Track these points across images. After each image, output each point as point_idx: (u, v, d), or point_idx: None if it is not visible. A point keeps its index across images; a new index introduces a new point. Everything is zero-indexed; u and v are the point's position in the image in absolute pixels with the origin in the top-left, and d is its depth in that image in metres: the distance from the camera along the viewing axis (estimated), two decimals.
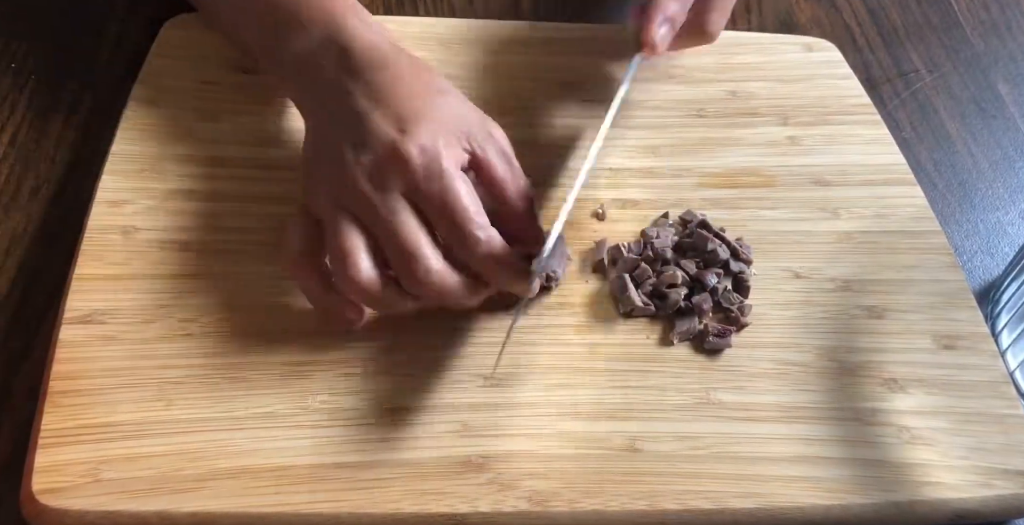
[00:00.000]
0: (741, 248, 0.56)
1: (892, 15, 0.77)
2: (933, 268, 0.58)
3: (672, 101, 0.65)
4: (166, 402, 0.48)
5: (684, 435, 0.50)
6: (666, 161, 0.62)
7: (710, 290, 0.54)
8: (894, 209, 0.61)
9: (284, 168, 0.58)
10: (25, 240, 0.55)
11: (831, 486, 0.48)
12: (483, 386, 0.50)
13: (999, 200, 0.65)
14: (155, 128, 0.59)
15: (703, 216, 0.58)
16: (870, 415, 0.51)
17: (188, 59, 0.63)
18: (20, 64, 0.64)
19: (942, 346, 0.54)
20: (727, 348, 0.53)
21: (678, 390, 0.51)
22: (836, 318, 0.55)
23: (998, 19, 0.77)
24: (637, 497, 0.47)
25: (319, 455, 0.47)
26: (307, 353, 0.51)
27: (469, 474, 0.47)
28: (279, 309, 0.52)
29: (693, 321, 0.54)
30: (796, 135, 0.64)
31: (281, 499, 0.46)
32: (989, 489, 0.49)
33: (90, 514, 0.44)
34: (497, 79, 0.64)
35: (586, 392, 0.51)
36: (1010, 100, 0.71)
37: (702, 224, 0.57)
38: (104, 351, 0.49)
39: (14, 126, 0.61)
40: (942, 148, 0.68)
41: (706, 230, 0.57)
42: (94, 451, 0.46)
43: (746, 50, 0.69)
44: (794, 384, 0.52)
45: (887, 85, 0.71)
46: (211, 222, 0.55)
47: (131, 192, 0.56)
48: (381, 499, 0.46)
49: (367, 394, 0.50)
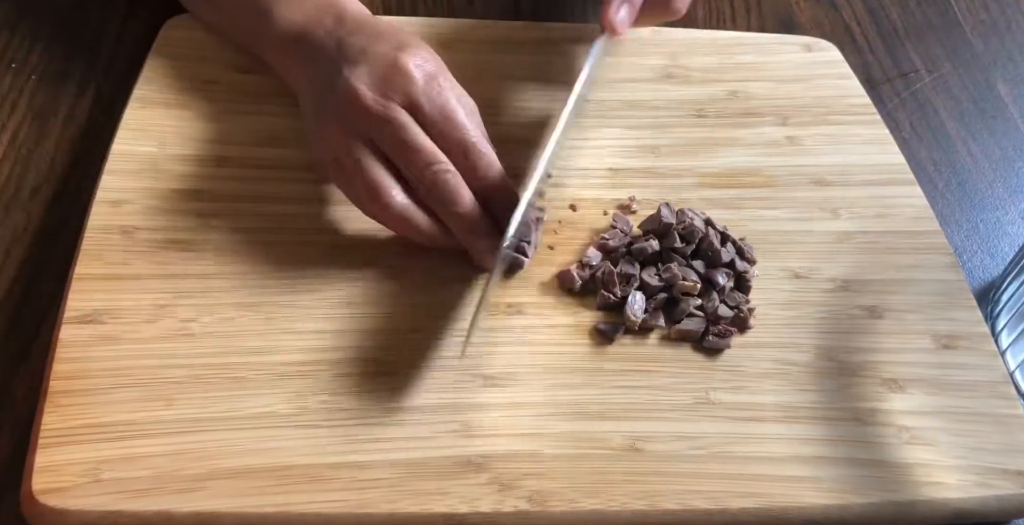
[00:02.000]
0: (745, 247, 0.56)
1: (892, 15, 0.77)
2: (933, 268, 0.58)
3: (672, 101, 0.65)
4: (166, 402, 0.48)
5: (684, 435, 0.50)
6: (666, 161, 0.62)
7: (717, 290, 0.54)
8: (894, 209, 0.61)
9: (284, 168, 0.58)
10: (25, 240, 0.55)
11: (831, 486, 0.48)
12: (483, 386, 0.50)
13: (999, 200, 0.65)
14: (155, 128, 0.59)
15: (703, 215, 0.58)
16: (870, 415, 0.51)
17: (188, 59, 0.63)
18: (20, 64, 0.64)
19: (942, 346, 0.54)
20: (727, 348, 0.53)
21: (678, 390, 0.51)
22: (836, 318, 0.55)
23: (998, 19, 0.77)
24: (637, 497, 0.47)
25: (319, 455, 0.47)
26: (307, 353, 0.51)
27: (469, 474, 0.47)
28: (279, 309, 0.52)
29: (699, 323, 0.53)
30: (796, 135, 0.64)
31: (281, 499, 0.45)
32: (989, 489, 0.49)
33: (90, 514, 0.44)
34: (496, 79, 0.64)
35: (586, 392, 0.51)
36: (1010, 100, 0.71)
37: (707, 222, 0.57)
38: (104, 351, 0.49)
39: (14, 126, 0.61)
40: (942, 148, 0.68)
41: (712, 229, 0.56)
42: (94, 451, 0.46)
43: (746, 50, 0.69)
44: (794, 384, 0.52)
45: (887, 85, 0.71)
46: (211, 222, 0.55)
47: (131, 192, 0.56)
48: (381, 499, 0.46)
49: (367, 394, 0.50)
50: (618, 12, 0.59)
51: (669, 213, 0.57)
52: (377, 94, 0.51)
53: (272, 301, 0.52)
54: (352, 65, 0.52)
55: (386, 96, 0.51)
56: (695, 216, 0.57)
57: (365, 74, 0.52)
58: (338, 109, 0.52)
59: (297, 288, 0.53)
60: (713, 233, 0.56)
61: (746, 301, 0.55)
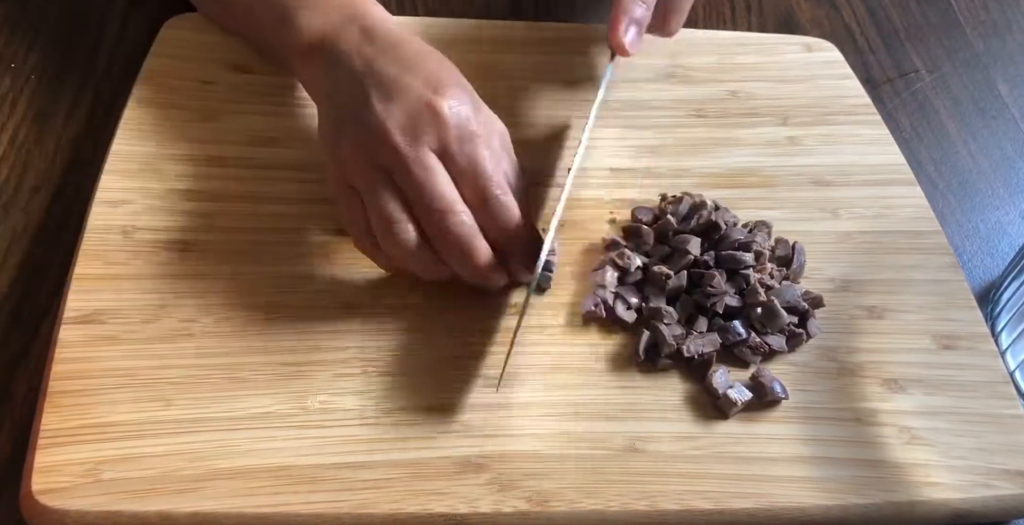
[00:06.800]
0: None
1: (892, 15, 0.77)
2: (933, 268, 0.58)
3: (672, 101, 0.65)
4: (166, 402, 0.48)
5: (684, 435, 0.50)
6: (666, 161, 0.62)
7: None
8: (894, 209, 0.61)
9: (284, 168, 0.58)
10: (25, 240, 0.55)
11: (831, 486, 0.48)
12: (483, 386, 0.50)
13: (999, 200, 0.65)
14: (155, 128, 0.59)
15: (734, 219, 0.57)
16: (870, 415, 0.51)
17: (188, 59, 0.63)
18: (20, 64, 0.64)
19: (942, 346, 0.54)
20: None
21: (678, 390, 0.51)
22: (836, 318, 0.55)
23: (998, 19, 0.77)
24: (637, 497, 0.47)
25: (319, 455, 0.47)
26: (307, 353, 0.51)
27: (469, 474, 0.47)
28: (279, 309, 0.52)
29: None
30: (796, 135, 0.64)
31: (281, 499, 0.45)
32: (989, 489, 0.49)
33: (90, 514, 0.44)
34: (496, 79, 0.64)
35: (586, 392, 0.51)
36: (1010, 100, 0.71)
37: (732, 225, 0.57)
38: (104, 351, 0.49)
39: (14, 126, 0.61)
40: (942, 148, 0.68)
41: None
42: (94, 451, 0.46)
43: (746, 50, 0.69)
44: (794, 384, 0.52)
45: (887, 85, 0.71)
46: (211, 222, 0.55)
47: (131, 192, 0.56)
48: (381, 499, 0.46)
49: (367, 394, 0.50)
50: (626, 33, 0.59)
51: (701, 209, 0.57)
52: (408, 136, 0.49)
53: (272, 301, 0.52)
54: (383, 99, 0.50)
55: (417, 139, 0.49)
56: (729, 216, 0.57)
57: (397, 112, 0.49)
58: (361, 140, 0.50)
59: (297, 288, 0.53)
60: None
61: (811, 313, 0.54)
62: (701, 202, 0.57)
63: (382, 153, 0.49)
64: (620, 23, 0.58)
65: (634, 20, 0.59)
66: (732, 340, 0.52)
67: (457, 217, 0.49)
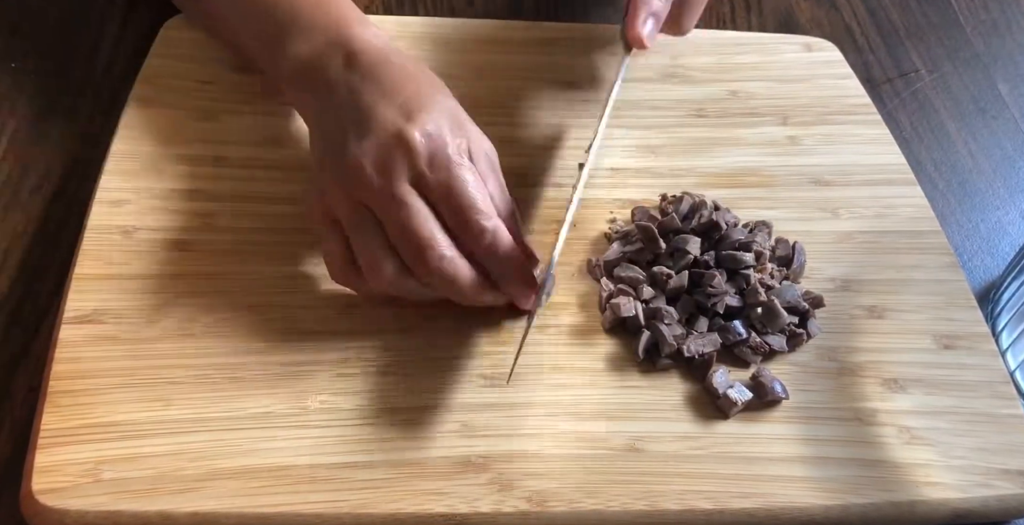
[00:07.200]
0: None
1: (892, 15, 0.77)
2: (933, 268, 0.58)
3: (672, 101, 0.65)
4: (166, 402, 0.48)
5: (684, 435, 0.50)
6: (666, 161, 0.62)
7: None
8: (894, 209, 0.61)
9: (284, 168, 0.58)
10: (25, 240, 0.55)
11: (831, 486, 0.48)
12: (483, 386, 0.50)
13: (999, 200, 0.65)
14: (155, 128, 0.59)
15: (735, 219, 0.57)
16: (870, 415, 0.51)
17: (187, 59, 0.63)
18: (20, 64, 0.64)
19: (942, 346, 0.54)
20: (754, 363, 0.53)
21: (678, 390, 0.51)
22: (836, 318, 0.55)
23: (998, 19, 0.77)
24: (637, 497, 0.47)
25: (319, 455, 0.47)
26: (307, 353, 0.51)
27: (469, 474, 0.47)
28: (279, 309, 0.52)
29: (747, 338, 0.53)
30: (796, 135, 0.64)
31: (281, 499, 0.45)
32: (989, 489, 0.49)
33: (90, 514, 0.44)
34: (496, 79, 0.64)
35: (587, 392, 0.51)
36: (1010, 100, 0.71)
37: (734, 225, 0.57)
38: (104, 351, 0.49)
39: (14, 126, 0.61)
40: (942, 148, 0.68)
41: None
42: (94, 451, 0.46)
43: (746, 50, 0.69)
44: (794, 384, 0.52)
45: (887, 85, 0.71)
46: (211, 222, 0.55)
47: (131, 192, 0.56)
48: (381, 499, 0.46)
49: (367, 394, 0.50)
50: (644, 26, 0.58)
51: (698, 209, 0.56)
52: (380, 173, 0.48)
53: (272, 301, 0.52)
54: (358, 136, 0.49)
55: (390, 175, 0.48)
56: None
57: (370, 148, 0.49)
58: (339, 176, 0.49)
59: (297, 288, 0.53)
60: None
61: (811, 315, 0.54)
62: (701, 202, 0.57)
63: (358, 190, 0.49)
64: (639, 15, 0.58)
65: (652, 13, 0.58)
66: (732, 340, 0.53)
67: (436, 251, 0.48)
